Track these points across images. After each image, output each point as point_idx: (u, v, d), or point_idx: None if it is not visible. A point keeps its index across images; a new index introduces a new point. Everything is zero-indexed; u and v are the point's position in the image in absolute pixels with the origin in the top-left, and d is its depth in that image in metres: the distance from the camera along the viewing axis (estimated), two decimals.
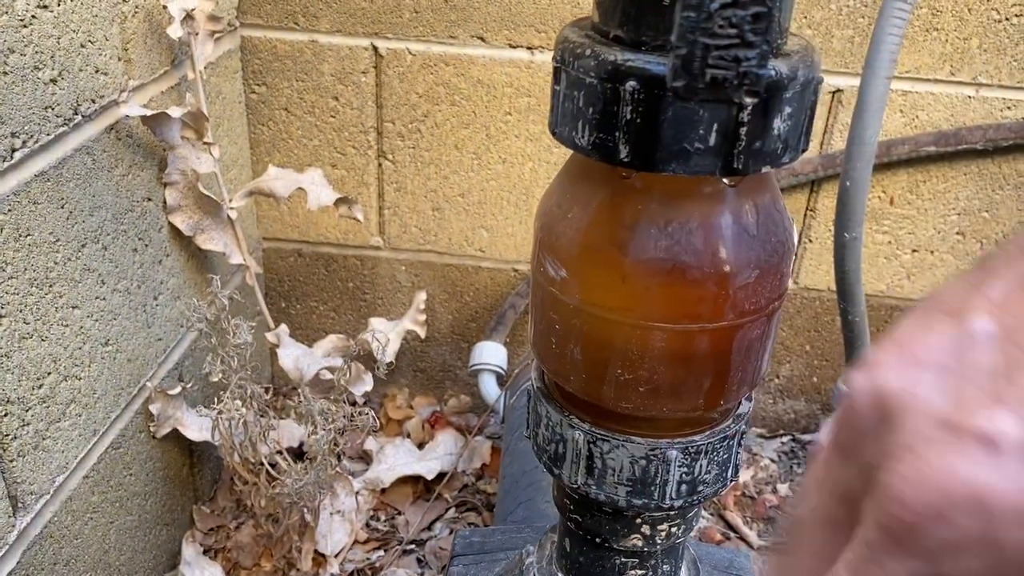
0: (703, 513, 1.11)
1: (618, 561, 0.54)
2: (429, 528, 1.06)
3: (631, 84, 0.39)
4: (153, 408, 0.90)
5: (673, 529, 0.53)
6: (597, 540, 0.53)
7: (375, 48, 1.05)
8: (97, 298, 0.80)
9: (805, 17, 1.00)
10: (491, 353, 1.14)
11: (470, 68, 1.05)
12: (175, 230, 0.92)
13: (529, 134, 1.07)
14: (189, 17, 0.84)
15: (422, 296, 1.08)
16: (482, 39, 1.04)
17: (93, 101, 0.77)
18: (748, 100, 0.35)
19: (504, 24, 1.03)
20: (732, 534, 1.08)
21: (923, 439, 0.21)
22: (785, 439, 1.24)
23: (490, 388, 1.14)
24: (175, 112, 0.84)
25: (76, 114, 0.74)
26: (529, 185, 1.10)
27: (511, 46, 1.04)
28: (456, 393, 1.26)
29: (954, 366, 0.21)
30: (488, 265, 1.17)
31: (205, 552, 1.01)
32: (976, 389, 0.21)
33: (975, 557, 0.20)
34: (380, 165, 1.12)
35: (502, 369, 1.15)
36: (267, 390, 0.92)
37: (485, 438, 1.18)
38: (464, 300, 1.20)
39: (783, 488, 1.15)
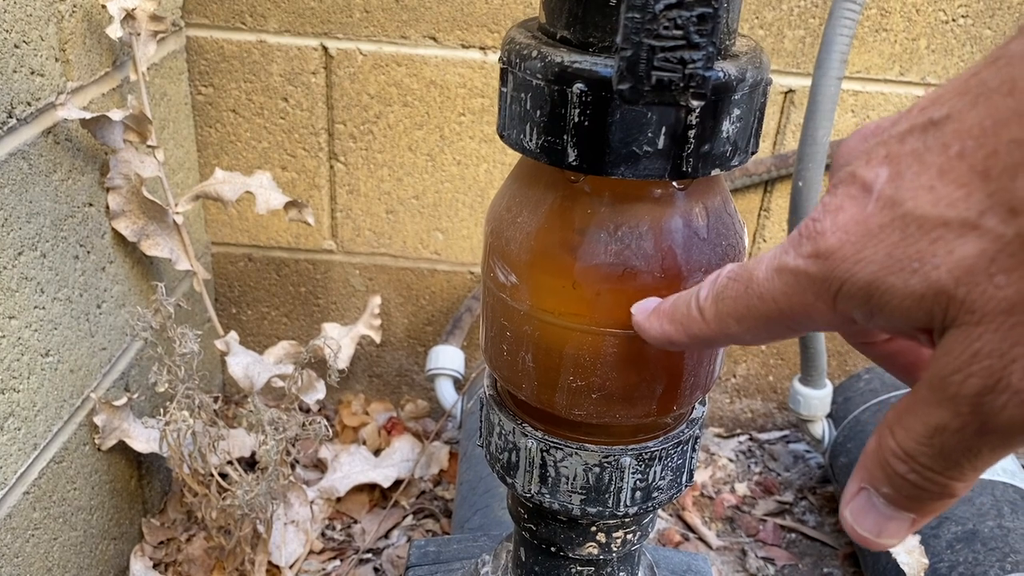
0: (662, 514, 1.11)
1: (574, 570, 0.53)
2: (386, 536, 1.05)
3: (578, 86, 0.38)
4: (98, 420, 0.87)
5: (629, 536, 0.52)
6: (552, 549, 0.53)
7: (325, 48, 1.04)
8: (36, 307, 0.77)
9: (757, 17, 1.01)
10: (448, 357, 1.13)
11: (422, 68, 1.04)
12: (119, 236, 0.90)
13: (484, 135, 1.06)
14: (130, 17, 0.81)
15: (376, 300, 1.07)
16: (434, 39, 1.03)
17: (29, 104, 0.74)
18: (695, 103, 0.34)
19: (456, 24, 1.02)
20: (691, 534, 1.08)
21: (840, 179, 0.27)
22: (742, 438, 1.25)
23: (447, 393, 1.12)
24: (116, 115, 0.81)
25: (10, 117, 0.71)
26: (484, 187, 1.09)
27: (464, 46, 1.03)
28: (413, 398, 1.25)
29: (885, 130, 0.26)
30: (444, 268, 1.16)
31: (155, 566, 0.98)
32: (883, 148, 0.26)
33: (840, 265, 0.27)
34: (332, 167, 1.10)
35: (459, 373, 1.14)
36: (216, 399, 0.89)
37: (443, 443, 1.17)
38: (420, 304, 1.19)
39: (741, 487, 1.16)
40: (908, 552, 0.77)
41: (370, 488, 1.09)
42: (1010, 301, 0.23)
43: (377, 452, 1.14)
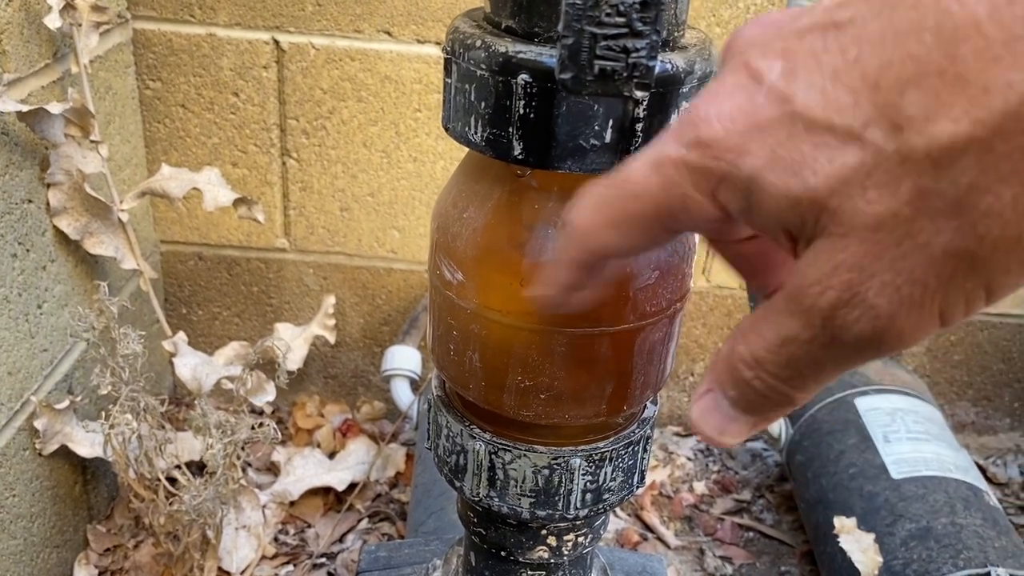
0: (620, 513, 1.10)
1: (524, 574, 0.52)
2: (341, 540, 1.03)
3: (523, 77, 0.37)
4: (38, 424, 0.85)
5: (580, 539, 0.51)
6: (502, 553, 0.51)
7: (276, 42, 1.01)
8: None
9: (713, 15, 1.00)
10: (404, 358, 1.11)
11: (377, 63, 1.02)
12: (60, 234, 0.87)
13: (440, 132, 1.05)
14: (70, 6, 0.79)
15: (331, 300, 1.05)
16: (389, 33, 1.01)
17: None
18: (639, 94, 0.33)
19: (411, 18, 1.00)
20: (649, 534, 1.08)
21: (730, 68, 0.26)
22: None
23: (403, 394, 1.11)
24: (55, 108, 0.78)
25: None
26: (441, 184, 1.07)
27: (419, 41, 1.01)
28: (369, 399, 1.23)
29: (785, 24, 0.25)
30: (400, 267, 1.14)
31: (101, 574, 0.96)
32: (780, 42, 0.25)
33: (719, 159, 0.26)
34: (284, 164, 1.08)
35: (415, 374, 1.12)
36: (163, 401, 0.87)
37: (400, 445, 1.15)
38: (376, 303, 1.17)
39: (699, 486, 1.15)
40: (863, 550, 0.77)
41: (324, 491, 1.07)
42: (878, 217, 0.23)
43: (332, 455, 1.12)
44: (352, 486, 1.08)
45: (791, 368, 0.26)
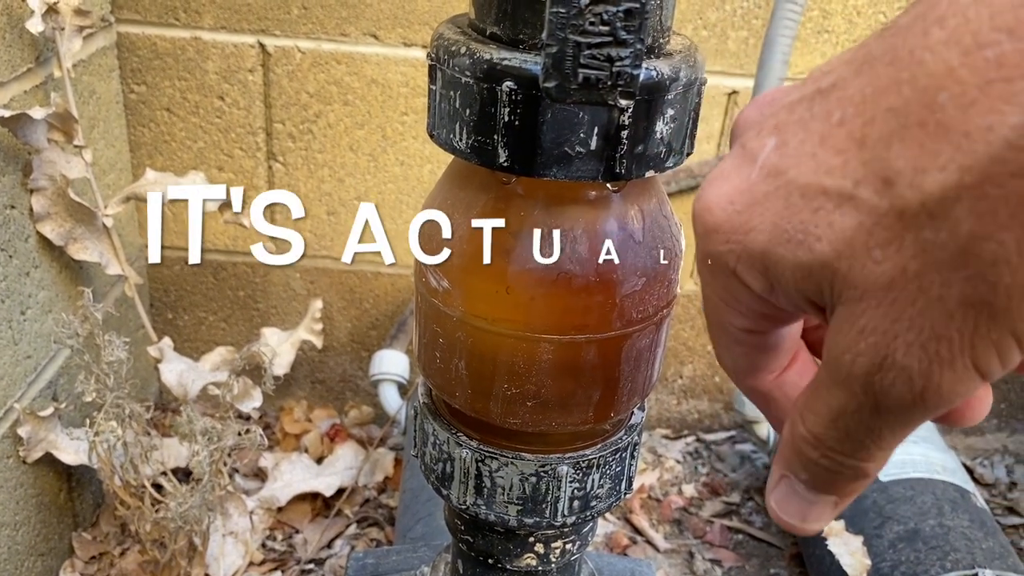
0: (609, 517, 1.10)
1: None
2: (329, 546, 1.02)
3: (508, 84, 0.37)
4: (22, 431, 0.84)
5: (568, 546, 0.51)
6: (490, 561, 0.51)
7: (262, 45, 1.01)
8: None
9: (700, 18, 1.00)
10: (392, 362, 1.11)
11: (363, 67, 1.02)
12: (44, 240, 0.86)
13: (427, 136, 1.04)
14: (52, 11, 0.78)
15: (318, 304, 1.04)
16: (375, 37, 1.00)
17: None
18: (624, 102, 0.33)
19: (398, 22, 1.00)
20: (639, 537, 1.08)
21: (730, 153, 0.26)
22: (690, 440, 1.24)
23: (391, 398, 1.10)
24: (38, 113, 0.78)
25: None
26: (428, 188, 1.07)
27: (406, 44, 1.01)
28: (357, 404, 1.22)
29: (778, 100, 0.26)
30: (388, 271, 1.14)
31: None
32: (773, 119, 0.25)
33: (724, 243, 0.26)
34: (270, 168, 1.07)
35: (403, 378, 1.12)
36: (149, 408, 0.86)
37: (388, 450, 1.15)
38: (363, 307, 1.16)
39: (688, 489, 1.15)
40: (851, 553, 0.77)
41: (312, 497, 1.07)
42: (888, 276, 0.22)
43: (320, 460, 1.12)
44: (340, 491, 1.07)
45: (852, 441, 0.25)
